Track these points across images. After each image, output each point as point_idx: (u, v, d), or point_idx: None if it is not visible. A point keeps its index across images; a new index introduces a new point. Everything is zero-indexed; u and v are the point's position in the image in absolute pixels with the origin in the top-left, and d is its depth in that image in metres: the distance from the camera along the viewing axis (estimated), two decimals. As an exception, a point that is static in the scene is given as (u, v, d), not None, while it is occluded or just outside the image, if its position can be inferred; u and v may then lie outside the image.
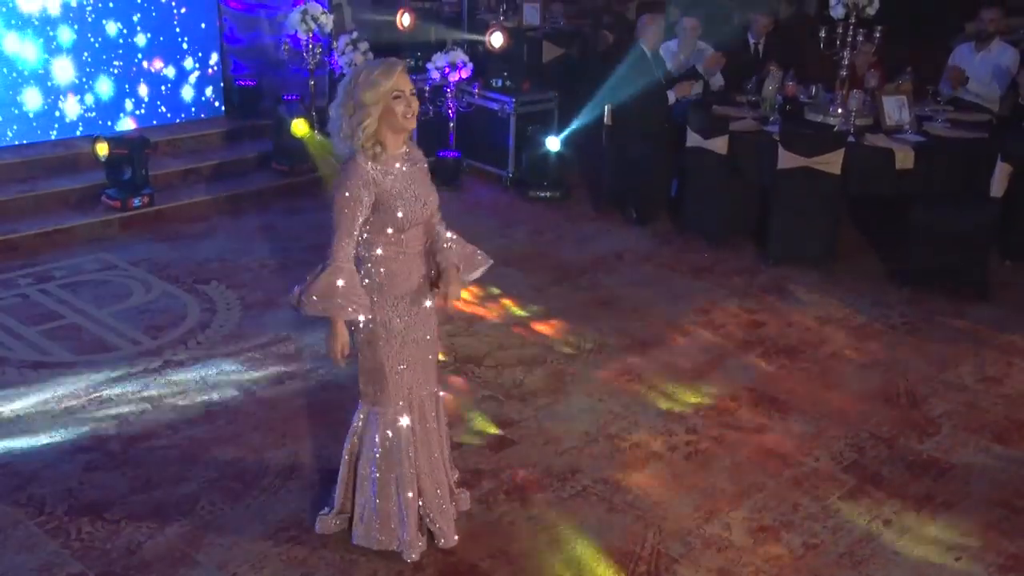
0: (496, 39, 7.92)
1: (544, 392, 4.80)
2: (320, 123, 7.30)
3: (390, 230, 3.27)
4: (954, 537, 3.79)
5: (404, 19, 8.35)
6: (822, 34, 6.61)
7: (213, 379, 4.75)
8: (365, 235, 3.28)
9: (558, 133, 7.71)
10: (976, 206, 5.86)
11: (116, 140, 6.57)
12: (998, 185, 5.67)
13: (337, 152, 3.28)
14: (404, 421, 3.43)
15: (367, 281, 3.30)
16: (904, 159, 6.11)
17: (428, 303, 3.45)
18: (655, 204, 7.19)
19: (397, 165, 3.24)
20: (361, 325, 3.36)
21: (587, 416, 4.60)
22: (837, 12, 6.54)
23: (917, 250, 6.03)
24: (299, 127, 7.31)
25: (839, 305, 5.84)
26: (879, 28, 6.62)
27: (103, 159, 6.47)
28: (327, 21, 7.59)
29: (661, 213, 7.19)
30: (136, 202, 6.49)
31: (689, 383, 4.93)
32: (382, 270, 3.31)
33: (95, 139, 6.55)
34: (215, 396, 4.59)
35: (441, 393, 3.66)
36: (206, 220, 6.81)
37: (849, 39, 6.58)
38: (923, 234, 5.98)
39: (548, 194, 7.54)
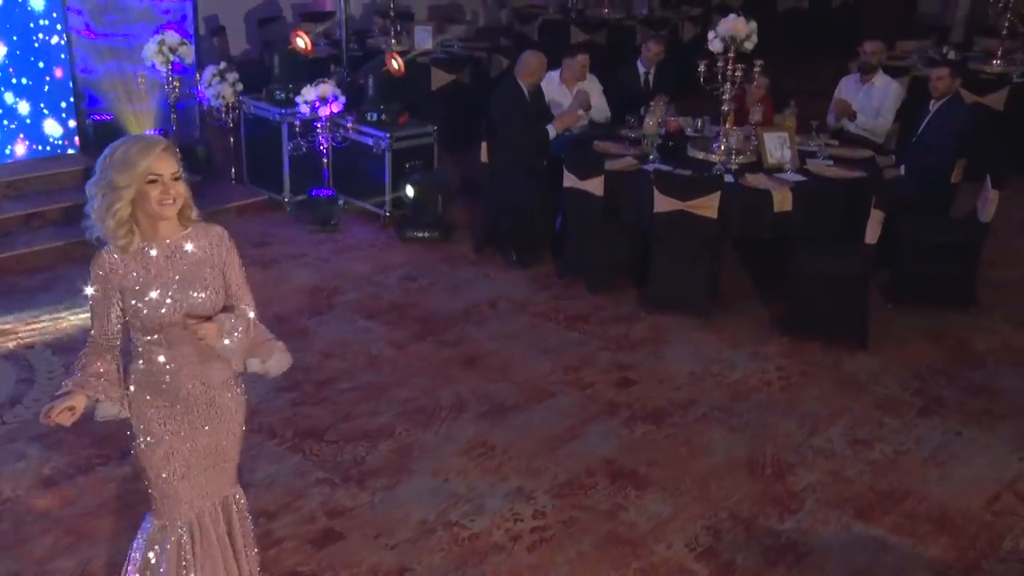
0: (396, 64, 7.50)
1: (386, 471, 4.42)
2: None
3: (140, 331, 2.91)
4: (804, 639, 3.51)
5: (299, 42, 7.81)
6: (701, 68, 6.36)
7: (10, 469, 4.26)
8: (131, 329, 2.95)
9: (432, 169, 7.38)
10: (852, 251, 5.64)
11: None
12: (871, 232, 5.45)
13: (89, 237, 2.88)
14: (173, 538, 3.04)
15: (132, 376, 2.97)
16: (782, 201, 5.87)
17: (216, 406, 3.06)
18: (536, 245, 6.86)
19: (154, 255, 2.85)
20: (131, 429, 3.01)
21: (428, 500, 4.23)
22: (715, 46, 6.30)
23: (795, 296, 5.81)
24: None
25: (715, 358, 5.57)
26: (758, 63, 6.39)
27: None
28: (187, 52, 7.11)
29: (543, 254, 6.86)
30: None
31: (546, 455, 4.59)
32: (141, 367, 2.96)
33: None
34: (7, 491, 4.11)
35: (240, 498, 3.25)
36: (48, 271, 6.28)
37: (729, 73, 6.34)
38: (800, 280, 5.76)
39: (426, 235, 7.15)
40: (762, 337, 5.82)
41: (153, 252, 2.86)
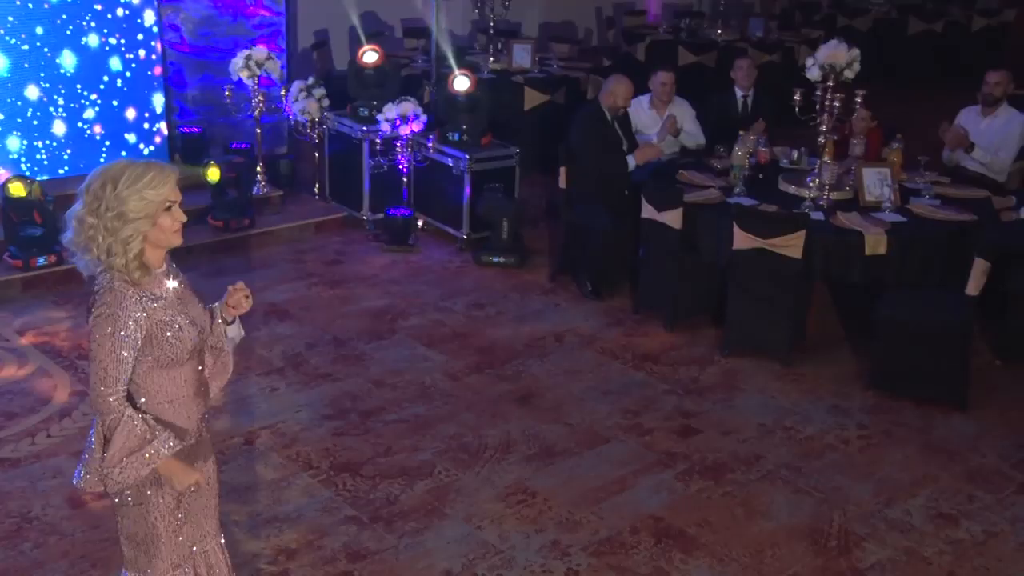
0: (461, 84, 7.35)
1: (418, 513, 4.21)
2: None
3: (161, 368, 2.74)
4: None
5: (368, 56, 7.78)
6: (797, 98, 5.93)
7: (44, 485, 4.25)
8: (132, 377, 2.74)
9: (510, 191, 7.21)
10: (952, 300, 5.12)
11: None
12: (974, 282, 4.92)
13: (82, 271, 2.76)
14: None
15: None
16: (875, 244, 5.39)
17: (203, 438, 2.94)
18: (613, 277, 6.55)
19: (165, 285, 2.75)
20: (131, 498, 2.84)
21: (457, 548, 4.00)
22: (812, 74, 5.87)
23: (884, 349, 5.31)
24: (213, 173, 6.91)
25: (790, 410, 5.14)
26: (860, 93, 5.93)
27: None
28: (274, 67, 7.14)
29: (621, 286, 6.55)
30: (41, 260, 6.07)
31: (589, 507, 4.29)
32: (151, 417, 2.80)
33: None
34: (36, 509, 4.09)
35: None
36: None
37: (827, 104, 5.90)
38: (891, 330, 5.25)
39: (501, 260, 6.93)
40: (846, 390, 5.35)
41: (164, 281, 2.75)
